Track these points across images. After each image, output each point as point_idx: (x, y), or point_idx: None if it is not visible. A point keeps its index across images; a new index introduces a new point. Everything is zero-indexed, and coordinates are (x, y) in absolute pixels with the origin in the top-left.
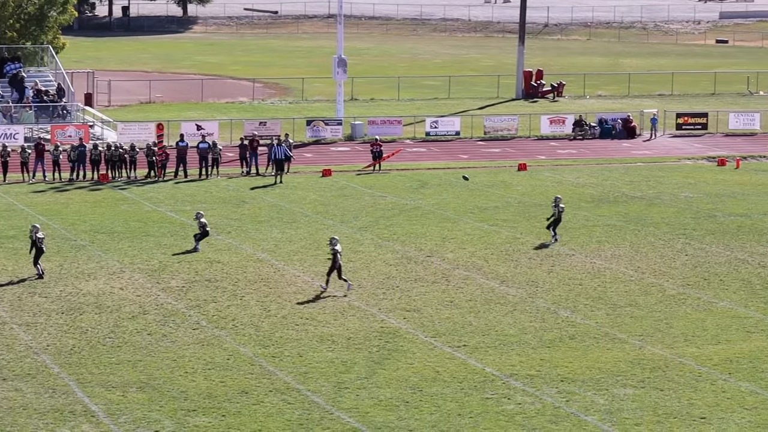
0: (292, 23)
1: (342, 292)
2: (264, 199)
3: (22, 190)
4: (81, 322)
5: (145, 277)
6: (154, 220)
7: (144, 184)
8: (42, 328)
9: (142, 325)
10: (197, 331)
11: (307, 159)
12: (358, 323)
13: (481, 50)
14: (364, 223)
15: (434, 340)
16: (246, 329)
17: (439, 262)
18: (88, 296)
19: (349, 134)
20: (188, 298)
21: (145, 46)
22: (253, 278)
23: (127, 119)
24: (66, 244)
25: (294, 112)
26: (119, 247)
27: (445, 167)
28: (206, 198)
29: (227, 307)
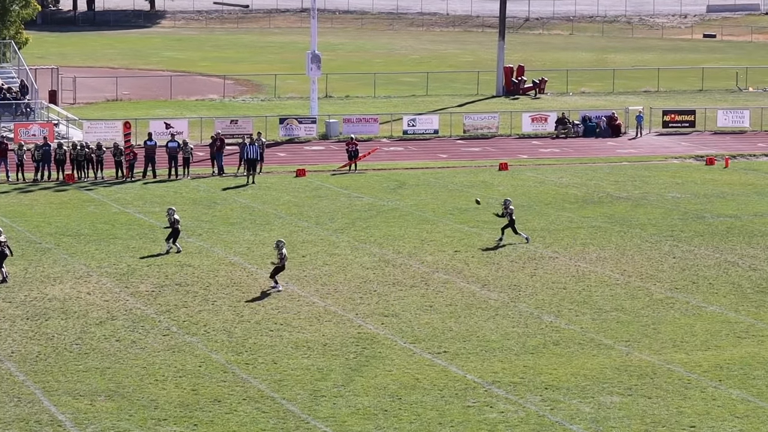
0: (264, 18)
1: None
2: (236, 200)
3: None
4: (47, 328)
5: (113, 282)
6: (122, 222)
7: (111, 185)
8: (6, 335)
9: (110, 331)
10: (168, 337)
11: (280, 158)
12: (334, 329)
13: (460, 45)
14: (340, 225)
15: (413, 346)
16: (218, 335)
17: (418, 265)
18: (53, 301)
19: (323, 133)
20: (158, 303)
21: (111, 41)
22: (225, 282)
23: (93, 117)
24: (31, 247)
25: (266, 110)
26: (86, 250)
27: (424, 167)
28: (176, 199)
29: (198, 313)
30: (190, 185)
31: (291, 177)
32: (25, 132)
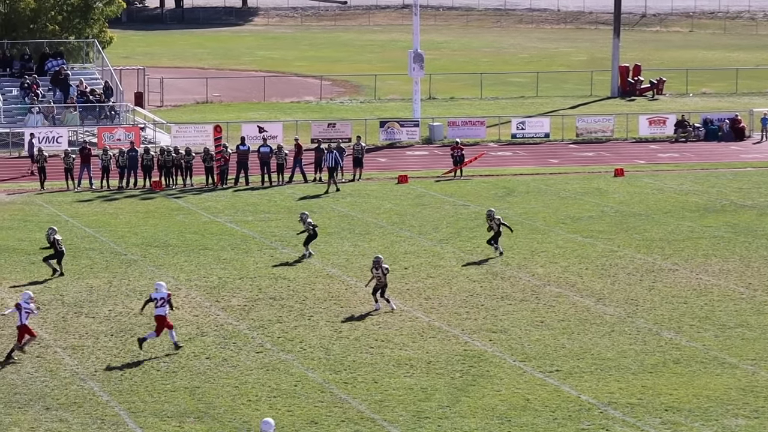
0: (363, 14)
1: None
2: (334, 209)
3: (66, 199)
4: (132, 344)
5: (203, 295)
6: (212, 232)
7: (201, 192)
8: (89, 352)
9: (200, 348)
10: (261, 354)
11: (381, 164)
12: (439, 346)
13: (571, 43)
14: (445, 235)
15: (523, 364)
16: (315, 352)
17: (528, 277)
18: (140, 317)
19: (426, 137)
20: (251, 318)
21: (200, 40)
22: (322, 296)
23: (181, 121)
24: (115, 259)
25: (366, 113)
26: (174, 262)
27: (534, 173)
28: (270, 207)
29: (294, 328)
30: (285, 192)
31: (392, 184)
32: (110, 136)
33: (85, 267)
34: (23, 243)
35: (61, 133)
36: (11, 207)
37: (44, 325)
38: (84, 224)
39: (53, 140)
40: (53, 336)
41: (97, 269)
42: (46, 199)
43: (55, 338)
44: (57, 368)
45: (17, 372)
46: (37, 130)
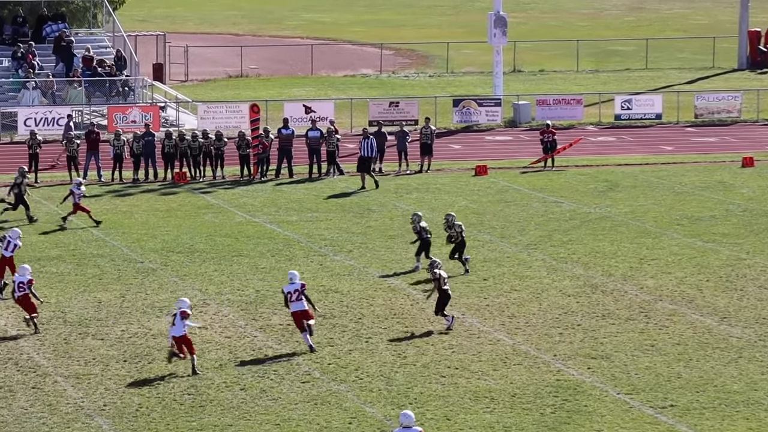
0: None
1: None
2: (397, 206)
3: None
4: (150, 372)
5: (237, 312)
6: (248, 235)
7: (234, 186)
8: (97, 382)
9: (233, 377)
10: (308, 384)
11: (454, 152)
12: (525, 375)
13: (688, 4)
14: (533, 239)
15: (630, 397)
16: (374, 382)
17: (635, 291)
18: (159, 338)
19: (510, 118)
20: (295, 341)
21: (233, 0)
22: (382, 313)
23: (210, 99)
24: (129, 268)
25: (436, 89)
26: (201, 271)
27: (642, 162)
28: (319, 204)
29: (348, 353)
30: (338, 186)
31: (468, 176)
32: (123, 118)
33: (93, 277)
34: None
35: (62, 114)
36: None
37: (42, 348)
38: (91, 225)
39: (53, 122)
40: (53, 362)
41: (106, 280)
42: (45, 195)
43: (54, 365)
44: (57, 402)
45: (8, 406)
46: (34, 109)
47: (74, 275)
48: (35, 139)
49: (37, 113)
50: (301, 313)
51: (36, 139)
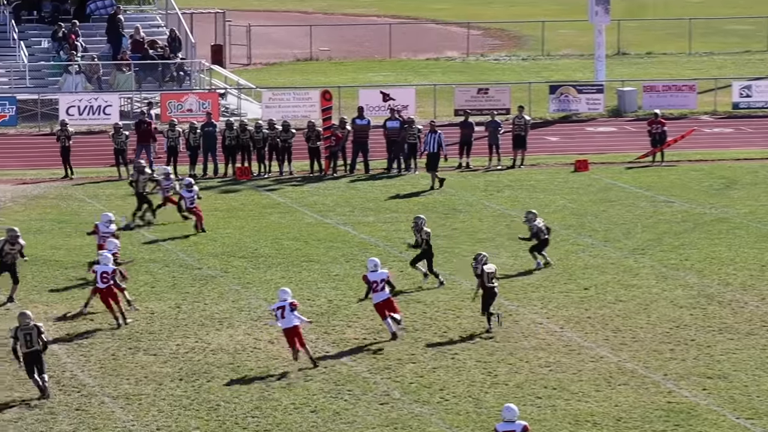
0: None
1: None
2: (486, 206)
3: (118, 192)
4: (209, 393)
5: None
6: (319, 238)
7: (303, 183)
8: (149, 402)
9: (302, 398)
10: (387, 406)
11: (551, 145)
12: (632, 396)
13: None
14: (640, 243)
15: (751, 423)
16: (461, 404)
17: (757, 302)
18: (219, 354)
19: (614, 107)
20: (373, 357)
21: None
22: (471, 326)
23: (276, 85)
24: (185, 275)
25: (530, 74)
26: (267, 278)
27: (764, 157)
28: (398, 204)
29: (432, 371)
30: (419, 183)
31: (567, 172)
32: (178, 106)
33: (144, 285)
34: (58, 252)
35: (109, 101)
36: (41, 202)
37: (87, 366)
38: (143, 228)
39: (99, 111)
40: (99, 381)
41: (160, 288)
42: (90, 192)
43: (101, 384)
44: (104, 425)
45: (48, 431)
46: (77, 96)
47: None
48: (65, 131)
49: (80, 101)
50: (385, 303)
51: (66, 130)
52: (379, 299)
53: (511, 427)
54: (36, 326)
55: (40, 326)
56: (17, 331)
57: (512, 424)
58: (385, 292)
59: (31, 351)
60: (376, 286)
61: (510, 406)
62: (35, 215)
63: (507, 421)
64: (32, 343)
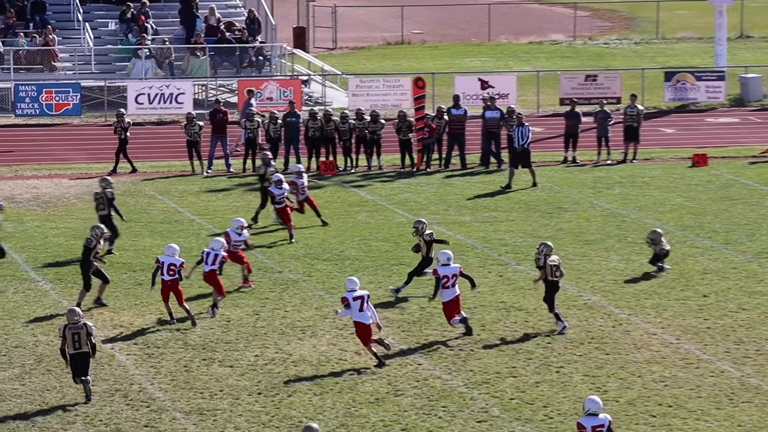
0: None
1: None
2: (595, 205)
3: (191, 188)
4: (290, 407)
5: (398, 334)
6: (410, 239)
7: (394, 179)
8: (225, 419)
9: (392, 414)
10: (485, 424)
11: (666, 138)
12: (757, 415)
13: None
14: (765, 246)
15: None
16: (567, 422)
17: None
18: (301, 365)
19: (736, 96)
20: (468, 369)
21: None
22: (577, 337)
23: (364, 71)
24: (265, 278)
25: (643, 59)
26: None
27: None
28: (498, 202)
29: (535, 385)
30: (521, 179)
31: (684, 167)
32: (257, 94)
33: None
34: (126, 254)
35: (182, 88)
36: None
37: (157, 378)
38: (217, 225)
39: (170, 99)
40: (170, 394)
41: (236, 294)
42: (160, 188)
43: (172, 398)
44: None
45: None
46: (147, 83)
47: (196, 287)
48: (122, 122)
49: (150, 88)
50: (453, 303)
51: (123, 121)
52: (447, 298)
53: (596, 421)
54: (85, 325)
55: (89, 326)
56: (65, 329)
57: (595, 418)
58: (455, 289)
59: (78, 353)
60: (447, 281)
61: (594, 398)
62: None
63: (590, 414)
64: (80, 344)
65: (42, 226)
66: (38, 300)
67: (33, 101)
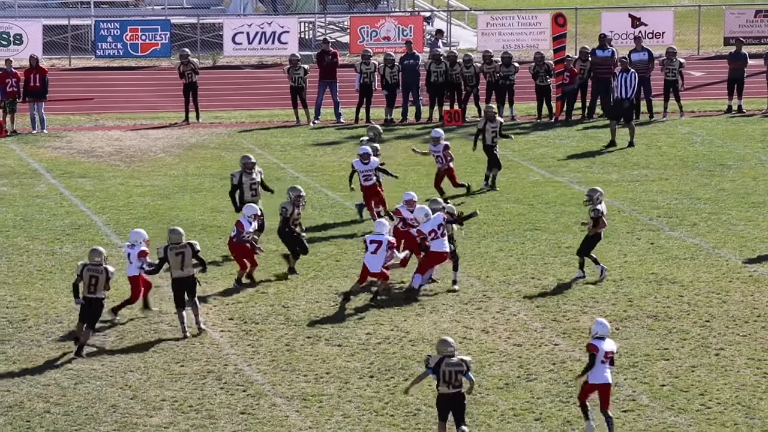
0: None
1: None
2: (764, 161)
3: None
4: (406, 394)
5: (531, 311)
6: (547, 200)
7: (529, 131)
8: (332, 405)
9: (524, 402)
10: (632, 414)
11: None
12: None
13: None
14: None
15: None
16: (728, 413)
17: None
18: (420, 345)
19: None
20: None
21: None
22: (741, 314)
23: (495, 6)
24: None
25: None
26: (481, 251)
27: None
28: (650, 158)
29: (691, 370)
30: (676, 132)
31: None
32: (372, 33)
33: (327, 258)
34: (220, 216)
35: (286, 27)
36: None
37: (255, 359)
38: (324, 185)
39: (272, 38)
40: (270, 377)
41: (346, 262)
42: (260, 141)
43: (272, 381)
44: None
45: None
46: (246, 20)
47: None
48: (188, 64)
49: (250, 26)
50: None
51: (190, 63)
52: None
53: (609, 345)
54: (106, 270)
55: (110, 270)
56: (83, 269)
57: (602, 341)
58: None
59: (92, 298)
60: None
61: (602, 321)
62: (192, 169)
63: (598, 338)
64: (96, 289)
65: (125, 184)
66: (120, 269)
67: (116, 40)
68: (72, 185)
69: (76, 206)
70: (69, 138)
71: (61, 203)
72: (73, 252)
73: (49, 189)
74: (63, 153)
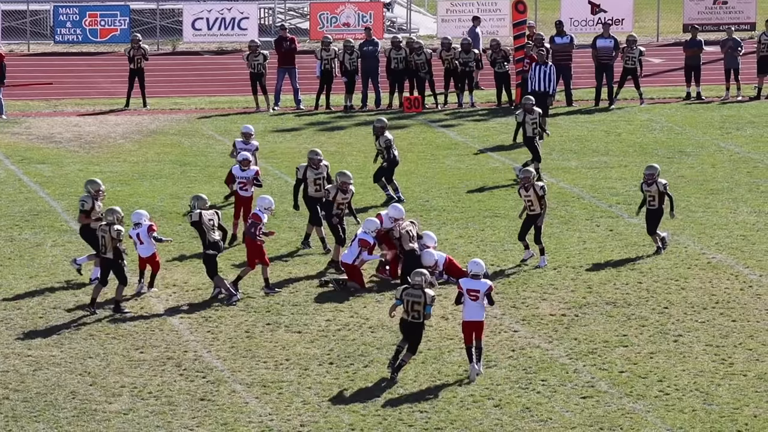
0: None
1: None
2: (722, 148)
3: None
4: (366, 380)
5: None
6: (507, 188)
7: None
8: (292, 392)
9: (483, 389)
10: (590, 401)
11: None
12: None
13: None
14: None
15: None
16: (686, 399)
17: None
18: (379, 331)
19: None
20: (571, 338)
21: None
22: (699, 301)
23: None
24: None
25: None
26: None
27: None
28: (609, 144)
29: (650, 357)
30: (636, 119)
31: None
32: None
33: (286, 245)
34: (179, 202)
35: (246, 13)
36: (160, 140)
37: (215, 345)
38: (284, 170)
39: (232, 24)
40: (230, 364)
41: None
42: (220, 127)
43: (232, 368)
44: (235, 420)
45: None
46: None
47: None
48: (138, 49)
49: (210, 11)
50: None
51: (140, 48)
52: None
53: (475, 285)
54: (118, 231)
55: (120, 231)
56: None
57: (477, 281)
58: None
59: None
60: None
61: (477, 261)
62: (152, 155)
63: (473, 276)
64: (106, 250)
65: (84, 170)
66: (80, 254)
67: (75, 26)
68: (31, 171)
69: (35, 192)
70: (28, 124)
71: (20, 189)
72: (32, 238)
73: (7, 175)
74: (21, 139)
